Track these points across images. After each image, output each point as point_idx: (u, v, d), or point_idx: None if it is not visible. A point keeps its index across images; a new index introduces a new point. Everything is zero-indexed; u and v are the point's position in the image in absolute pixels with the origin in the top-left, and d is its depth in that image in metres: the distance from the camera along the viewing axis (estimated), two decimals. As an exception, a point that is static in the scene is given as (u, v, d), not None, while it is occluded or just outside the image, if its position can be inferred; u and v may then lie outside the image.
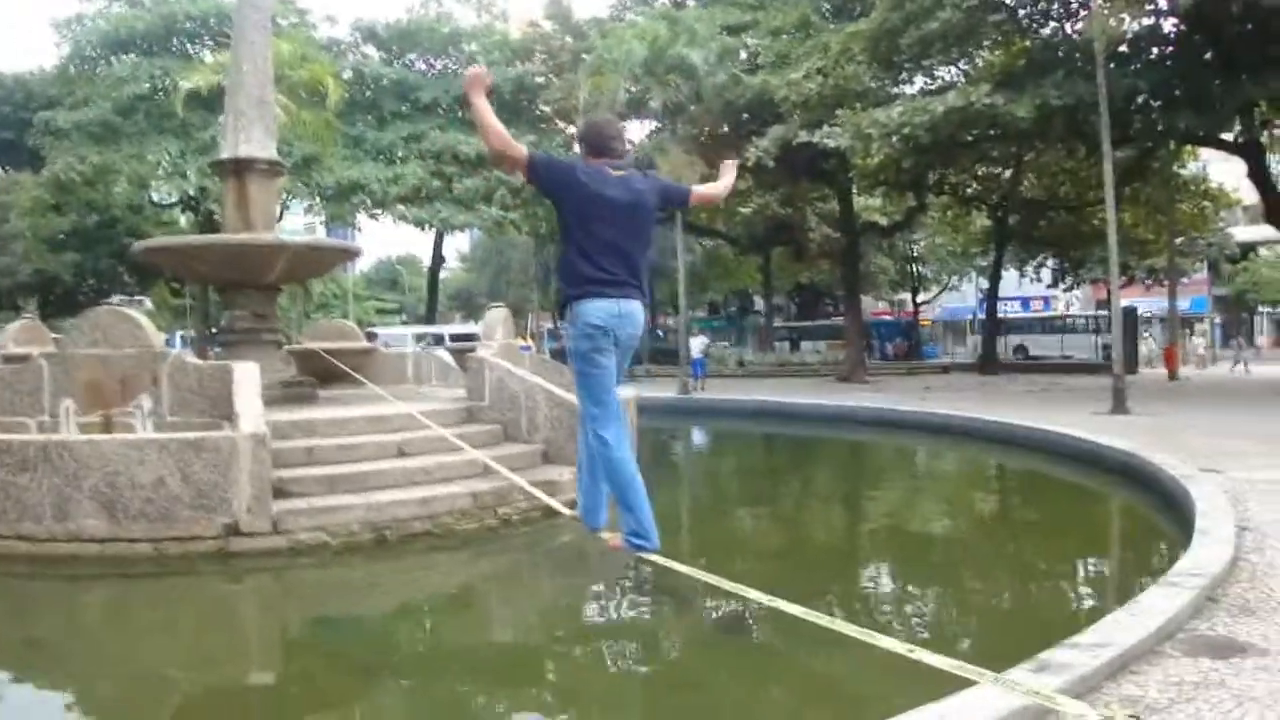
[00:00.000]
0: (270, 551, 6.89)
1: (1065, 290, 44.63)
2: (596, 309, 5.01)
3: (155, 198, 38.20)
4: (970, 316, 54.19)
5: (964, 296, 56.30)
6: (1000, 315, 40.19)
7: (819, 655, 4.71)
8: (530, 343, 27.71)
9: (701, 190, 6.10)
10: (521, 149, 5.10)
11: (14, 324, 12.71)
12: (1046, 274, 40.86)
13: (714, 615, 5.78)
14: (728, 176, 6.05)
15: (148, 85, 32.49)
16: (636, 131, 33.06)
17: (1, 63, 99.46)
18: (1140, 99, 19.92)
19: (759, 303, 54.87)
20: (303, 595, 6.63)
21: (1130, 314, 28.88)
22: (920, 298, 53.88)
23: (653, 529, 5.33)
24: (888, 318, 56.90)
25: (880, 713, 3.17)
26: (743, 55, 28.34)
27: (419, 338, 31.19)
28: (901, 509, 10.34)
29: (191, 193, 32.83)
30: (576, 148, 5.75)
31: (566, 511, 6.30)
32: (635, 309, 5.13)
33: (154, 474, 6.80)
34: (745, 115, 26.64)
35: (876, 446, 16.19)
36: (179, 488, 6.81)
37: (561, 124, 35.68)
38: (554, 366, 12.76)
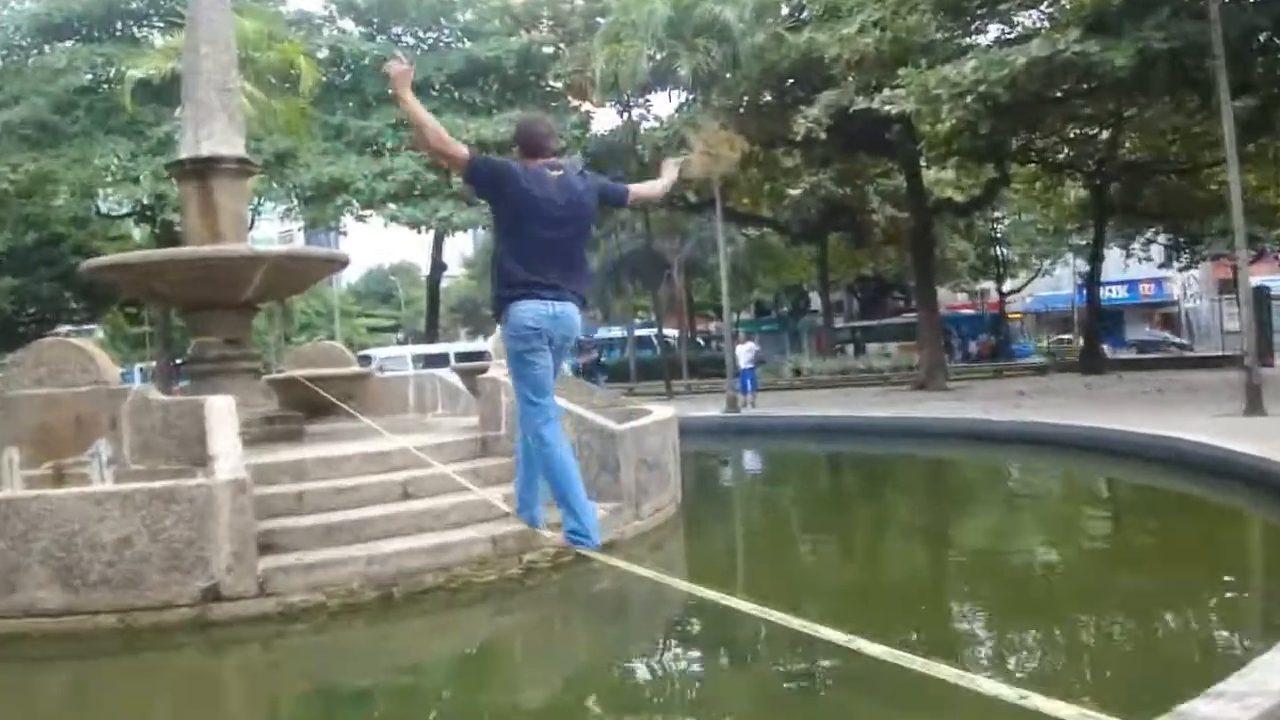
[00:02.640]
0: (257, 617, 6.88)
1: (1181, 269, 44.25)
2: (530, 311, 5.86)
3: (104, 208, 38.68)
4: (1068, 305, 53.79)
5: (1059, 282, 55.91)
6: (1105, 302, 39.88)
7: (911, 710, 4.65)
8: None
9: (640, 189, 7.00)
10: (461, 148, 5.93)
11: None
12: (1157, 251, 40.51)
13: (780, 668, 5.73)
14: (667, 175, 6.85)
15: (89, 76, 32.84)
16: (664, 105, 33.18)
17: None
18: (1262, 38, 19.73)
19: (815, 300, 54.77)
20: (297, 667, 6.61)
21: (1262, 295, 28.53)
22: (1006, 286, 53.53)
23: (594, 527, 6.36)
24: (969, 311, 56.66)
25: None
26: (784, 10, 28.40)
27: (420, 358, 31.35)
28: (1000, 535, 10.25)
29: (146, 200, 33.13)
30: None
31: (507, 509, 7.07)
32: (569, 311, 6.01)
33: (117, 533, 6.81)
34: (790, 80, 26.68)
35: (964, 464, 16.08)
36: (147, 548, 6.82)
37: (575, 101, 35.81)
38: (578, 385, 12.78)
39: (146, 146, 31.08)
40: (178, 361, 32.36)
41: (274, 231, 48.40)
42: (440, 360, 28.58)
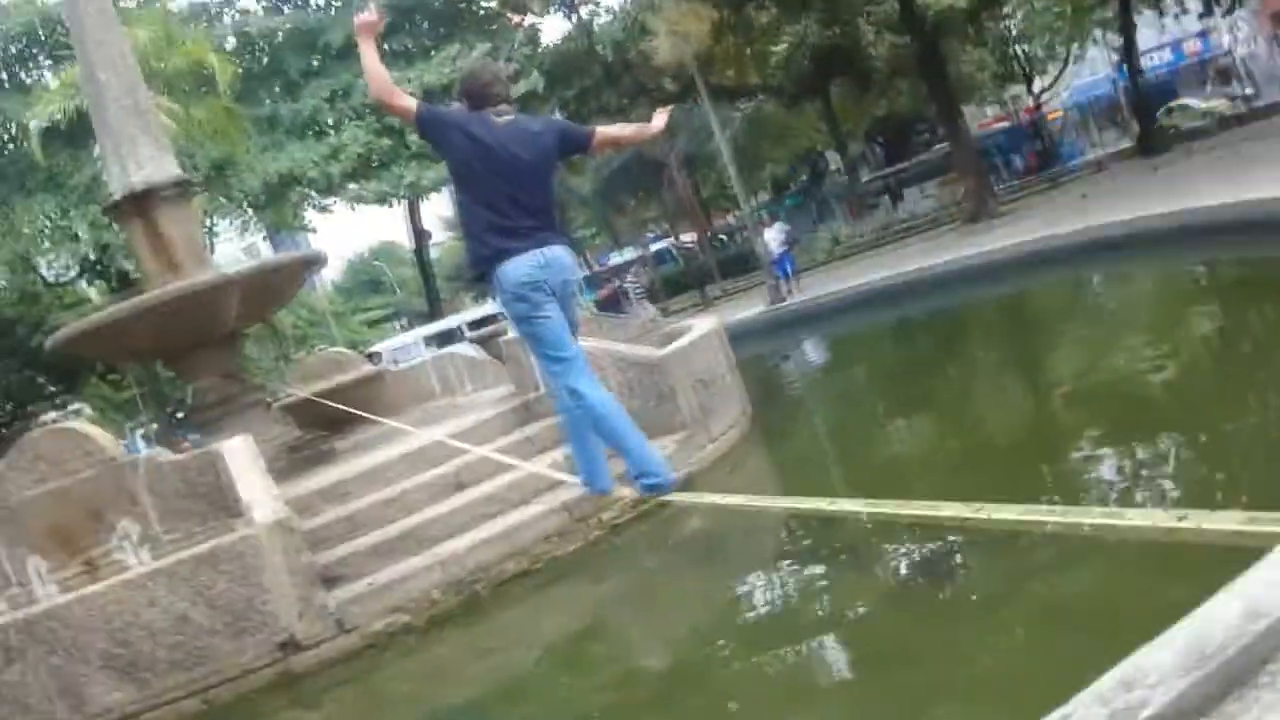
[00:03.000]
0: (343, 656, 7.00)
1: (1225, 14, 43.44)
2: (519, 267, 5.84)
3: (49, 276, 38.75)
4: (1111, 89, 53.04)
5: (1094, 66, 55.07)
6: (1149, 74, 39.28)
7: (1056, 568, 4.70)
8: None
9: (609, 130, 6.76)
10: (409, 100, 6.02)
11: None
12: (1193, 3, 39.77)
13: (907, 561, 5.79)
14: (658, 120, 6.67)
15: (-10, 139, 32.74)
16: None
17: None
18: None
19: (834, 160, 54.29)
20: (402, 697, 6.70)
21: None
22: (1038, 86, 52.77)
23: (661, 464, 6.19)
24: (1004, 124, 55.93)
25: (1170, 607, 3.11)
26: None
27: (430, 339, 31.39)
28: (1101, 358, 10.23)
29: (91, 255, 33.20)
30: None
31: (577, 480, 6.84)
32: (559, 253, 5.97)
33: (171, 611, 6.92)
34: (741, -73, 26.28)
35: (1041, 291, 16.05)
36: (207, 618, 6.93)
37: (516, 18, 35.48)
38: (607, 321, 12.82)
39: (74, 198, 30.99)
40: (177, 416, 32.59)
41: (236, 249, 48.45)
42: (452, 336, 28.59)
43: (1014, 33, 48.65)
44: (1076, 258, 15.91)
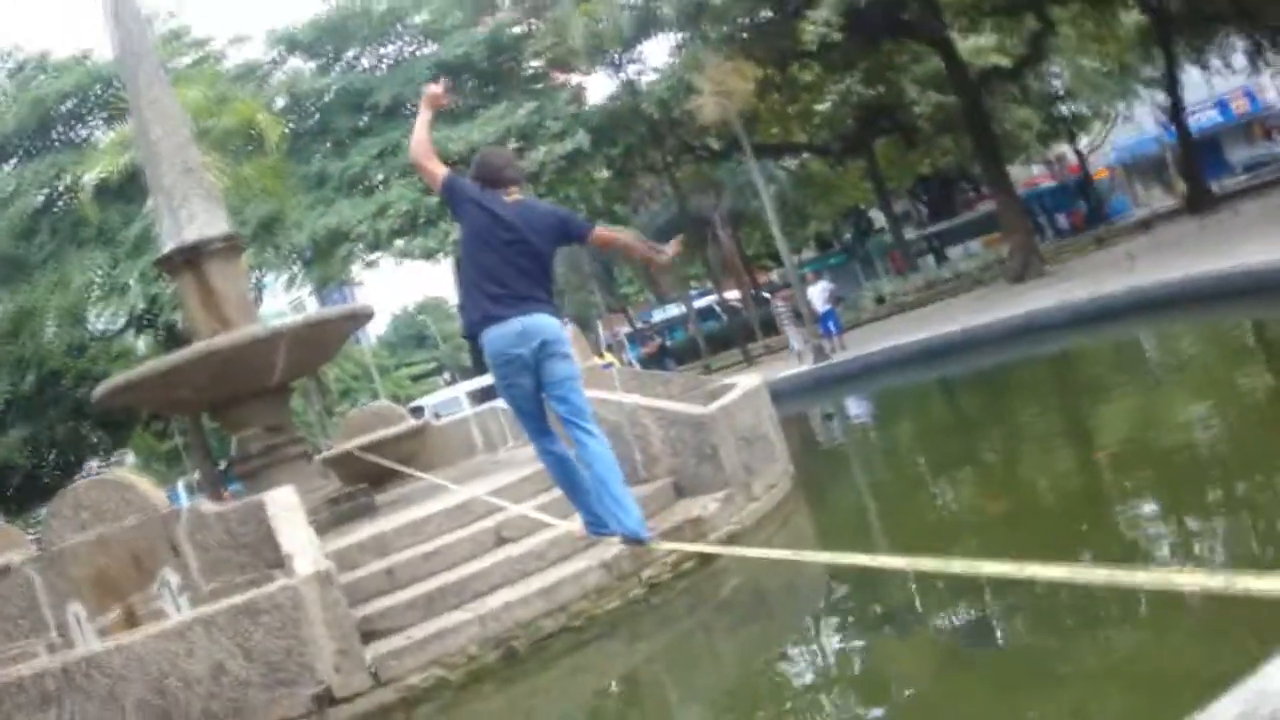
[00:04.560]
0: (379, 711, 6.96)
1: (1274, 74, 43.33)
2: (497, 340, 6.48)
3: (97, 328, 39.21)
4: (1157, 147, 52.89)
5: (1140, 125, 54.98)
6: (1195, 131, 39.13)
7: (1104, 628, 4.61)
8: (610, 358, 27.79)
9: (608, 232, 7.62)
10: (440, 167, 6.73)
11: None
12: (1239, 60, 39.70)
13: (951, 623, 5.71)
14: (670, 249, 7.43)
15: (42, 195, 33.15)
16: (658, 53, 33.08)
17: None
18: None
19: (878, 218, 54.36)
20: (437, 754, 6.69)
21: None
22: (1083, 144, 52.72)
23: (639, 521, 6.79)
24: (1049, 183, 55.91)
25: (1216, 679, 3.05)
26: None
27: (474, 394, 31.45)
28: (1151, 418, 10.13)
29: (140, 307, 33.51)
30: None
31: (574, 529, 7.51)
32: (536, 321, 6.50)
33: (208, 662, 6.92)
34: (787, -12, 26.47)
35: (1090, 349, 15.93)
36: (244, 669, 6.92)
37: (561, 76, 35.81)
38: (649, 377, 12.82)
39: (124, 251, 31.40)
40: (221, 467, 32.85)
41: (282, 303, 48.94)
42: (496, 392, 28.65)
43: (1059, 90, 48.66)
44: (1124, 316, 15.82)
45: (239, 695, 6.91)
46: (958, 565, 4.51)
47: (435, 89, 6.89)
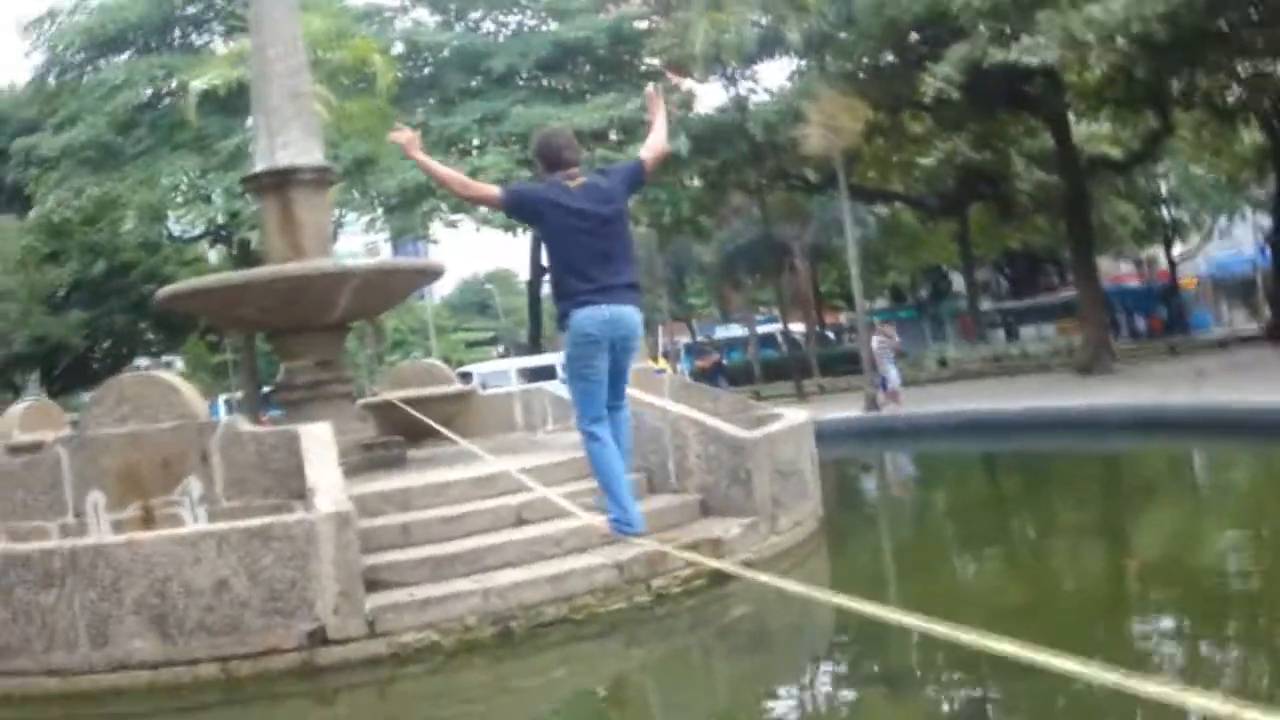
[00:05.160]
0: (367, 660, 7.00)
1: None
2: (588, 317, 6.78)
3: (175, 231, 39.66)
4: (1249, 269, 52.20)
5: (1238, 244, 54.26)
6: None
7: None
8: (664, 365, 27.80)
9: (648, 149, 7.62)
10: (490, 189, 7.20)
11: (17, 406, 13.07)
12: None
13: (952, 696, 5.65)
14: (656, 112, 7.67)
15: (149, 91, 33.49)
16: (774, 75, 33.06)
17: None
18: None
19: (957, 281, 53.98)
20: (414, 714, 6.71)
21: None
22: (1177, 250, 52.10)
23: (639, 518, 7.42)
24: (1134, 283, 55.32)
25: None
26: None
27: (524, 372, 31.53)
28: (1188, 539, 9.99)
29: (220, 220, 33.89)
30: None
31: (597, 523, 7.70)
32: (626, 313, 6.92)
33: (213, 576, 6.97)
34: (914, 36, 26.36)
35: (1141, 457, 15.73)
36: (246, 590, 6.97)
37: (676, 79, 35.82)
38: (699, 390, 12.79)
39: (216, 162, 31.64)
40: (265, 390, 33.13)
41: (358, 244, 49.28)
42: (546, 373, 28.72)
43: (1163, 193, 48.14)
44: (1183, 430, 15.60)
45: (235, 615, 6.96)
46: (969, 636, 4.48)
47: (400, 135, 7.40)
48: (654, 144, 7.78)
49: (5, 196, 38.82)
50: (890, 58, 27.53)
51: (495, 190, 7.12)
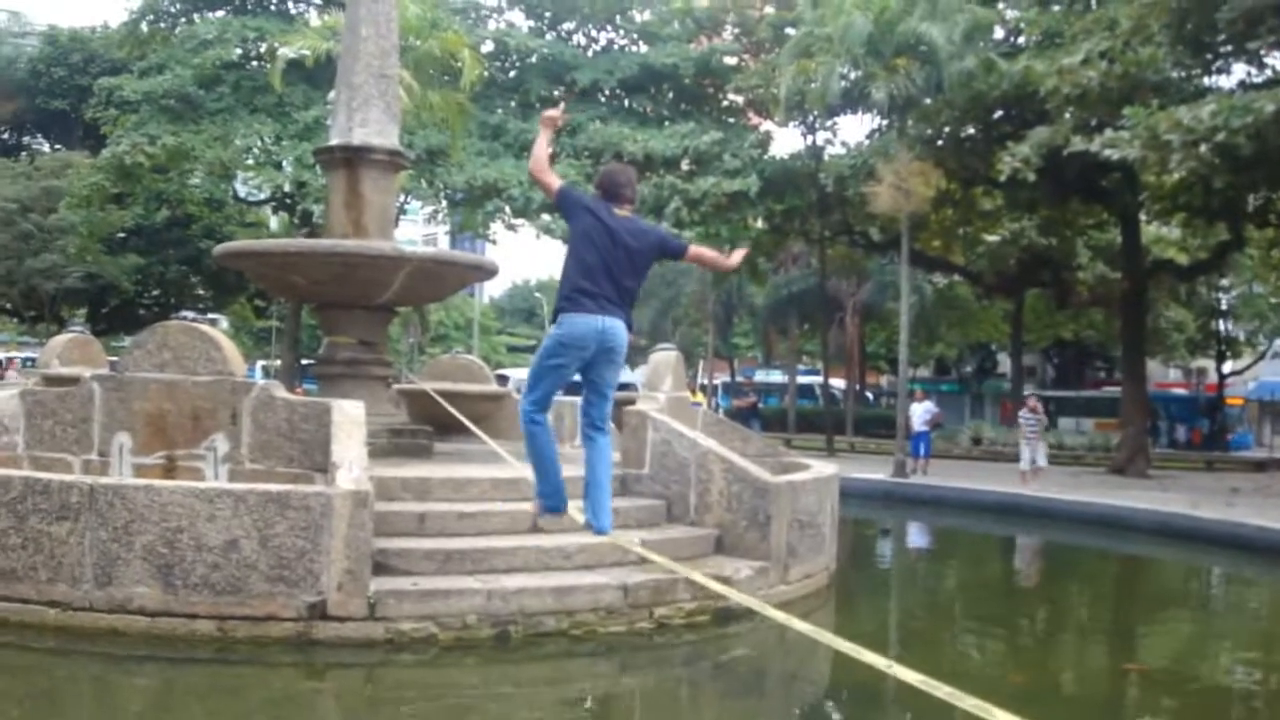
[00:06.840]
0: (363, 642, 7.02)
1: None
2: (583, 323, 7.01)
3: (241, 192, 39.93)
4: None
5: (1291, 368, 53.77)
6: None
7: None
8: (701, 399, 27.76)
9: (702, 251, 8.22)
10: (555, 179, 7.47)
11: (60, 337, 12.94)
12: None
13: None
14: (737, 257, 8.18)
15: (238, 51, 33.71)
16: (853, 130, 33.08)
17: (56, 16, 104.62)
18: None
19: (1004, 362, 53.69)
20: (399, 702, 6.69)
21: None
22: (1228, 366, 51.63)
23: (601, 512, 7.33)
24: (1181, 391, 54.80)
25: None
26: (999, 33, 28.03)
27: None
28: (1192, 651, 9.87)
29: (286, 187, 34.13)
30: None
31: (529, 508, 7.80)
32: (616, 325, 7.09)
33: (225, 534, 7.03)
34: (998, 113, 26.29)
35: (1162, 565, 15.58)
36: (255, 553, 7.02)
37: (756, 119, 35.84)
38: (732, 428, 12.76)
39: (292, 130, 31.90)
40: (303, 361, 33.30)
41: (417, 233, 49.55)
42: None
43: (1223, 306, 47.72)
44: (1208, 545, 15.42)
45: (241, 576, 7.00)
46: (969, 703, 4.49)
47: (553, 113, 7.71)
48: (709, 252, 8.40)
49: (81, 133, 39.22)
50: (971, 131, 27.41)
51: (557, 182, 7.44)
